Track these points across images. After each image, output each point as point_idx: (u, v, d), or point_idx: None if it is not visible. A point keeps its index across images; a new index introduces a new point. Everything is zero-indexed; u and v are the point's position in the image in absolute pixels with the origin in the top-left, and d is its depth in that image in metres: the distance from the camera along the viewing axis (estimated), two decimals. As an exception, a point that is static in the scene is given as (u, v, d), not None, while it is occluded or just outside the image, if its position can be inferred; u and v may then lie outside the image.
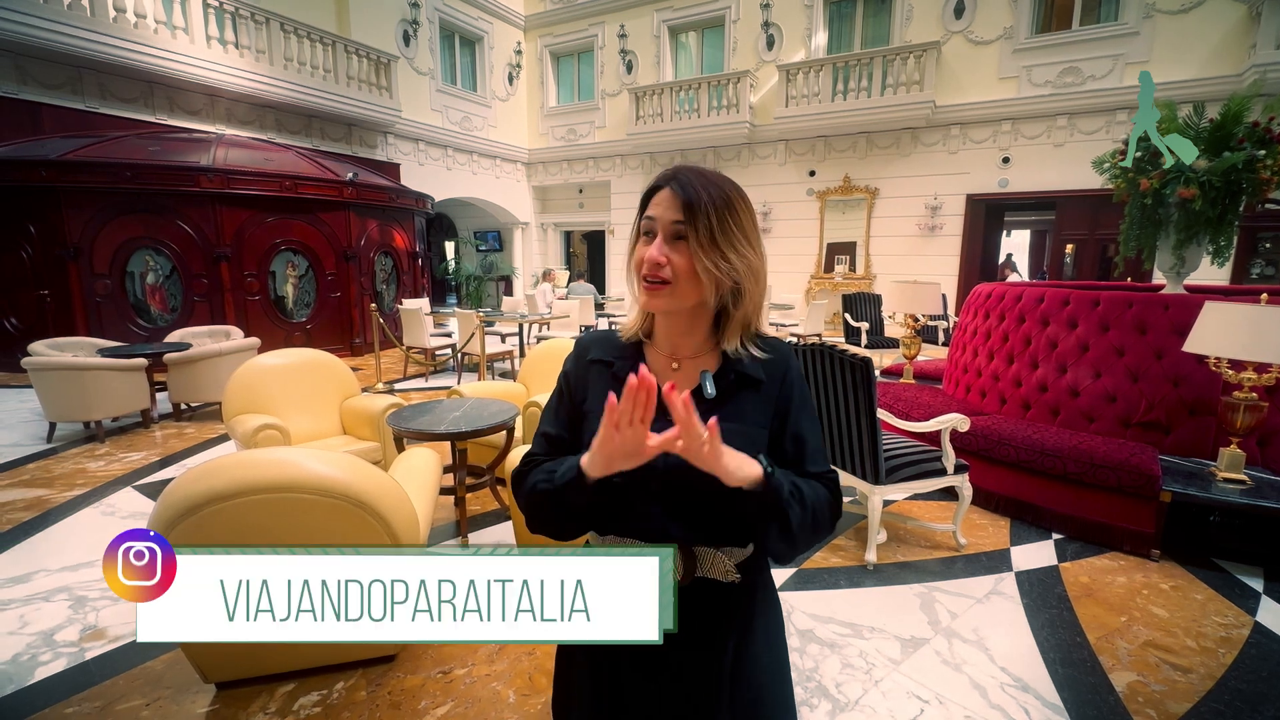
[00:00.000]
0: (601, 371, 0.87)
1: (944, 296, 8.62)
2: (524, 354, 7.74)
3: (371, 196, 8.77)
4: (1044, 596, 2.51)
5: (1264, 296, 2.69)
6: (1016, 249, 15.89)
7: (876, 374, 2.80)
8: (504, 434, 3.09)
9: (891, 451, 2.91)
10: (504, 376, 7.07)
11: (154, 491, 3.55)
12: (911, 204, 10.48)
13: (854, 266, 11.21)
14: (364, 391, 3.80)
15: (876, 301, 8.19)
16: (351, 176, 8.45)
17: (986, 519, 3.28)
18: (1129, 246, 3.69)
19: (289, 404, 3.32)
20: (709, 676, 0.83)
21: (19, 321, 6.63)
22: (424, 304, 8.19)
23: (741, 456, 0.74)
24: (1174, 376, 3.15)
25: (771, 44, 11.30)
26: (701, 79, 11.61)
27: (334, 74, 9.66)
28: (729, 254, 0.78)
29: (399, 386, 6.65)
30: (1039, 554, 2.90)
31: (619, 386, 0.84)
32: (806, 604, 2.43)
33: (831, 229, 11.35)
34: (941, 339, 8.21)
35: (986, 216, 10.26)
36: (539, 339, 7.78)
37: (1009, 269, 10.23)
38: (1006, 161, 9.71)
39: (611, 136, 13.26)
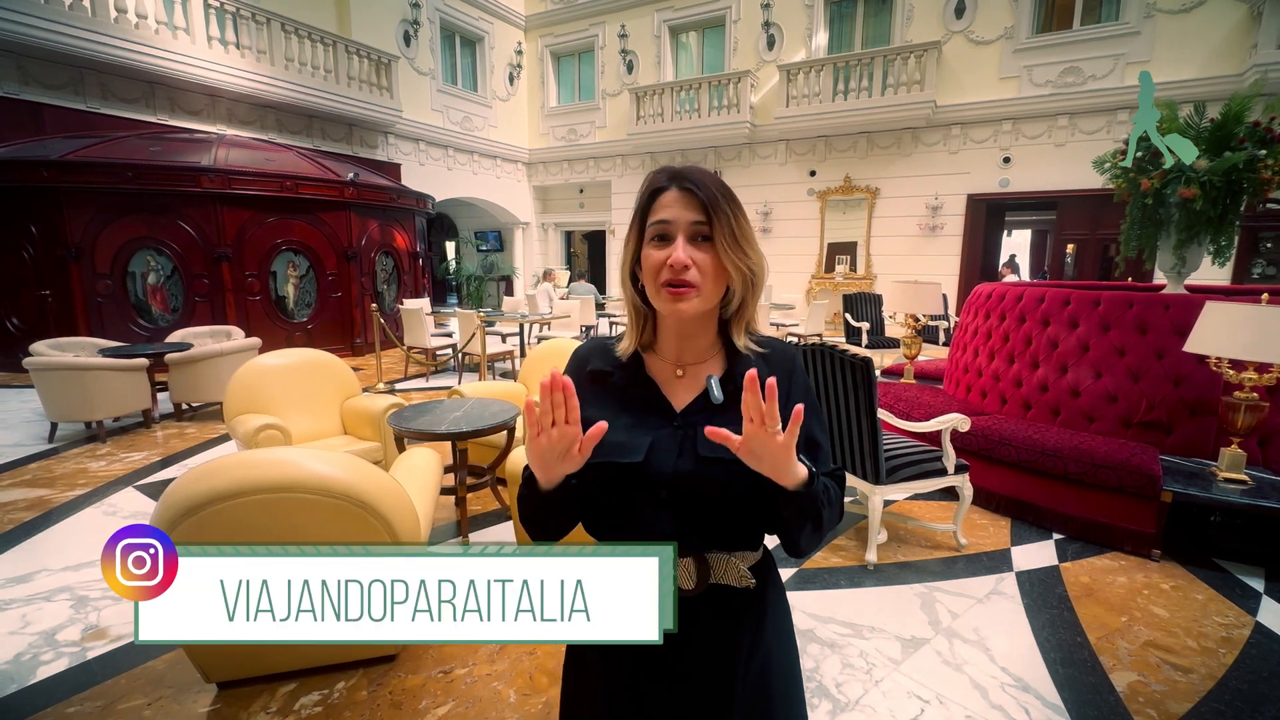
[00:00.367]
0: (601, 382, 0.87)
1: (945, 296, 8.61)
2: (525, 354, 7.75)
3: (372, 197, 8.77)
4: (1044, 596, 2.51)
5: (1265, 296, 2.68)
6: (1017, 249, 15.88)
7: (877, 374, 2.80)
8: (505, 434, 3.09)
9: (892, 451, 2.91)
10: (505, 376, 7.07)
11: (155, 491, 3.55)
12: (912, 204, 10.47)
13: (855, 266, 11.21)
14: (365, 391, 3.80)
15: (877, 301, 8.19)
16: (352, 177, 8.46)
17: (987, 519, 3.28)
18: (1130, 246, 3.68)
19: (290, 404, 3.33)
20: (725, 678, 0.82)
21: (20, 321, 6.64)
22: (425, 304, 8.20)
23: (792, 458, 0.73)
24: (1175, 376, 3.14)
25: (772, 44, 11.30)
26: (702, 79, 11.61)
27: (335, 74, 9.67)
28: (748, 251, 0.80)
29: (400, 386, 6.66)
30: (1039, 554, 2.90)
31: (619, 396, 0.84)
32: (807, 604, 2.43)
33: (832, 229, 11.34)
34: (942, 339, 8.20)
35: (987, 216, 10.25)
36: (540, 339, 7.79)
37: (1008, 269, 10.19)
38: (1007, 161, 9.71)
39: (612, 136, 13.27)
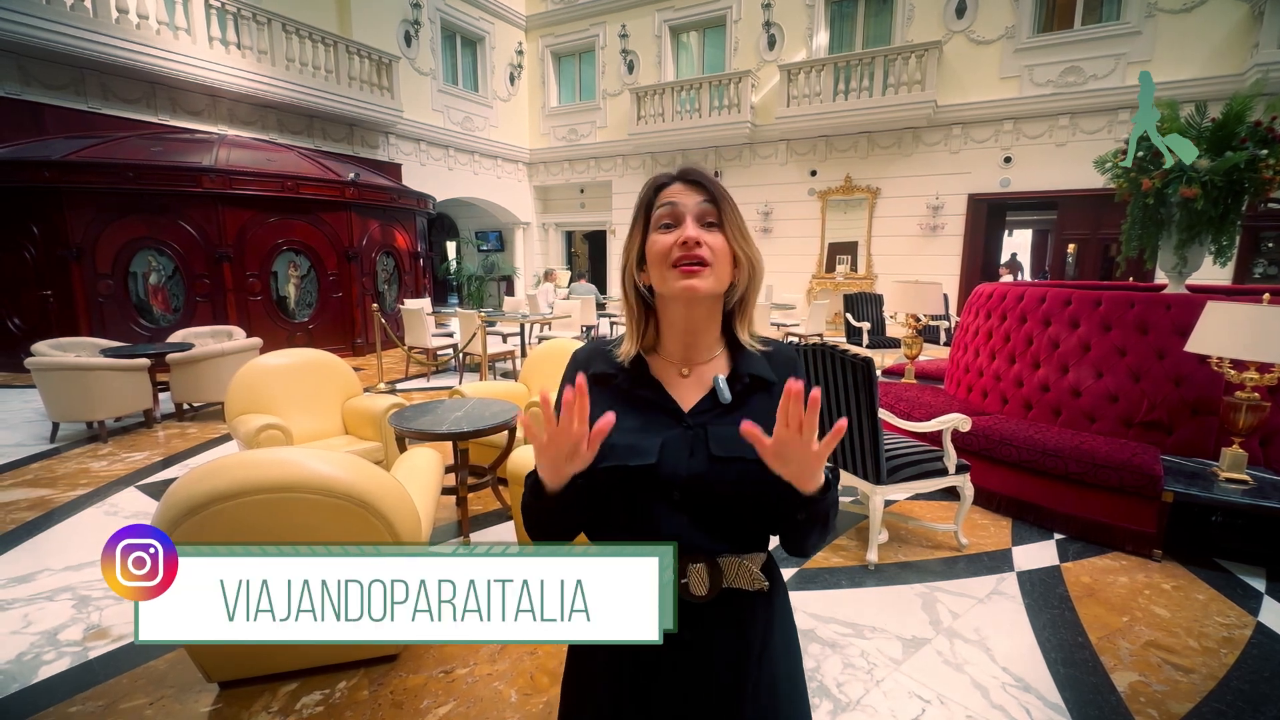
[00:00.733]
0: (603, 385, 0.86)
1: (945, 296, 8.60)
2: (525, 354, 7.75)
3: (373, 197, 8.78)
4: (1046, 596, 2.51)
5: (1266, 296, 2.68)
6: (1018, 249, 15.86)
7: (878, 374, 2.80)
8: (506, 434, 3.10)
9: (893, 451, 2.91)
10: (505, 376, 7.07)
11: (157, 491, 3.56)
12: (913, 204, 10.46)
13: (855, 266, 11.20)
14: (366, 391, 3.80)
15: (878, 301, 8.18)
16: (353, 177, 8.46)
17: (988, 519, 3.28)
18: (1131, 246, 3.68)
19: (291, 404, 3.33)
20: (737, 684, 0.82)
21: (22, 322, 6.65)
22: (426, 304, 8.20)
23: None
24: (1176, 376, 3.14)
25: (773, 44, 11.30)
26: (703, 79, 11.61)
27: (335, 74, 9.68)
28: (751, 240, 0.83)
29: (401, 386, 6.66)
30: (1041, 554, 2.89)
31: (624, 399, 0.83)
32: (808, 604, 2.43)
33: (833, 229, 11.34)
34: (943, 339, 8.20)
35: (988, 216, 10.24)
36: (540, 339, 7.79)
37: (1007, 269, 10.17)
38: (1008, 161, 9.70)
39: (613, 136, 13.26)
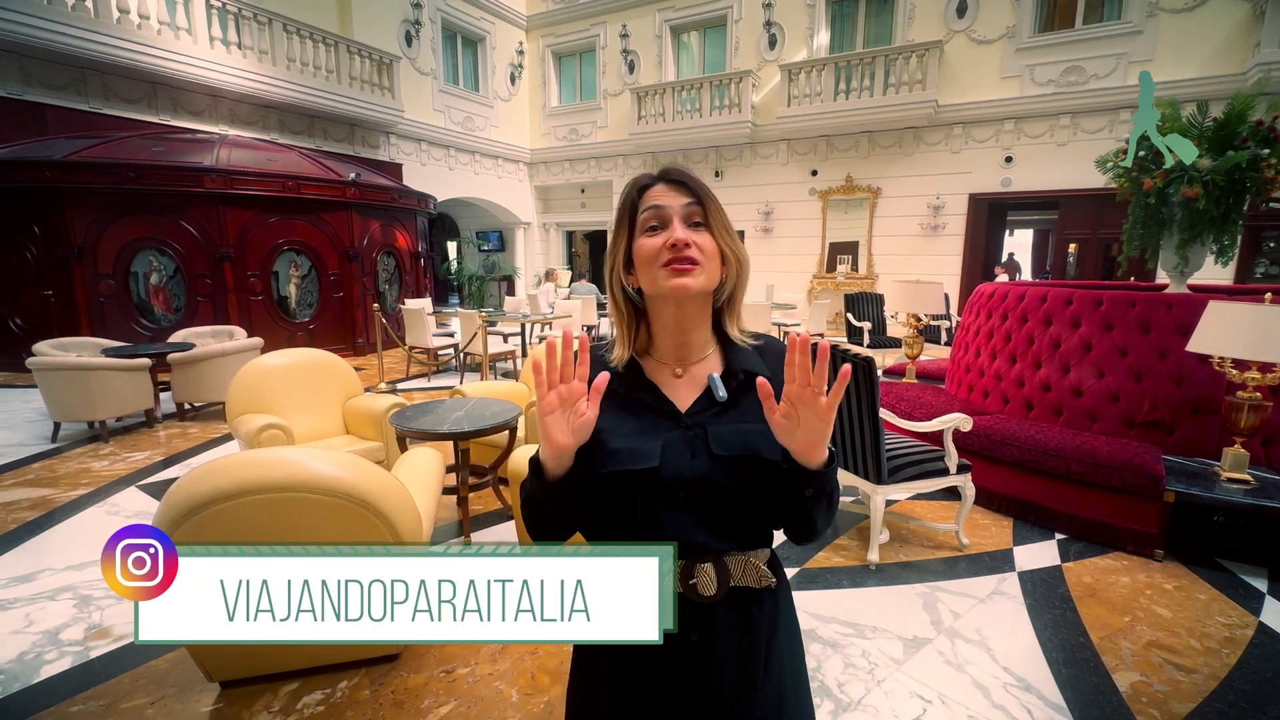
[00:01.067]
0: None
1: (946, 296, 8.59)
2: (526, 354, 7.75)
3: (374, 197, 8.78)
4: (1047, 596, 2.51)
5: (1268, 296, 2.68)
6: (1019, 248, 15.86)
7: (879, 374, 2.80)
8: (507, 434, 3.09)
9: (894, 451, 2.91)
10: (506, 376, 7.08)
11: (158, 491, 3.56)
12: (914, 203, 10.45)
13: (856, 266, 11.19)
14: (367, 391, 3.81)
15: (879, 301, 8.17)
16: (354, 177, 8.47)
17: (989, 519, 3.28)
18: (1132, 246, 3.67)
19: (292, 404, 3.33)
20: (747, 685, 0.82)
21: (23, 322, 6.66)
22: (426, 304, 8.20)
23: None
24: (1177, 376, 3.13)
25: (773, 43, 11.29)
26: (703, 79, 11.60)
27: (336, 74, 9.68)
28: (736, 237, 0.83)
29: (401, 386, 6.66)
30: (1042, 554, 2.89)
31: (621, 403, 0.83)
32: (809, 603, 2.43)
33: (834, 229, 11.33)
34: (944, 339, 8.19)
35: (989, 216, 10.23)
36: (541, 339, 7.79)
37: (1002, 269, 10.15)
38: (1009, 161, 9.69)
39: (613, 136, 13.26)
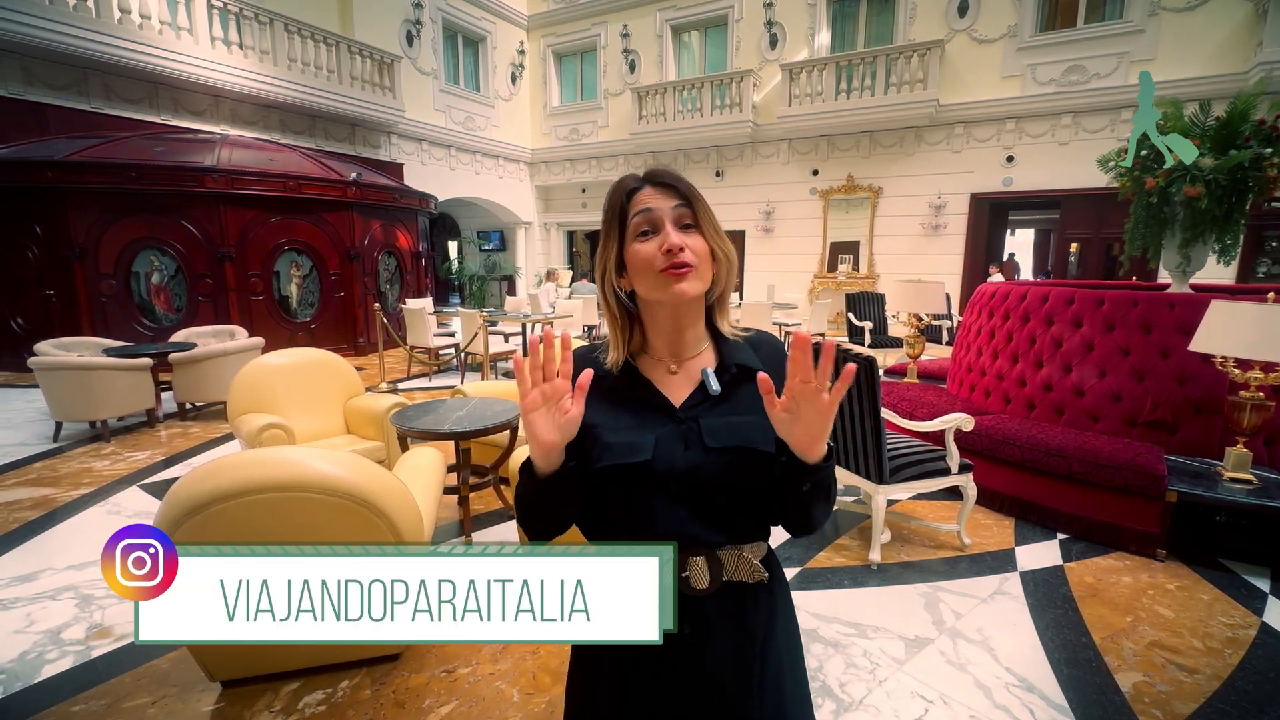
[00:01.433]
0: (596, 387, 0.87)
1: (948, 296, 8.60)
2: (527, 354, 7.74)
3: (375, 196, 8.78)
4: (1049, 596, 2.50)
5: (1271, 295, 2.67)
6: (1021, 248, 15.85)
7: (880, 373, 2.79)
8: (508, 433, 3.09)
9: (895, 451, 2.90)
10: (507, 376, 7.07)
11: (159, 490, 3.56)
12: (915, 203, 10.44)
13: (857, 266, 11.18)
14: (368, 391, 3.81)
15: (880, 301, 8.16)
16: (355, 176, 8.47)
17: (991, 519, 3.27)
18: (1134, 245, 3.67)
19: (293, 403, 3.33)
20: (742, 679, 0.82)
21: (25, 321, 6.67)
22: (427, 304, 8.20)
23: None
24: (1180, 376, 3.13)
25: (774, 43, 11.28)
26: (704, 78, 11.59)
27: (337, 74, 9.69)
28: (723, 236, 0.85)
29: (403, 386, 6.67)
30: (1044, 554, 2.89)
31: (617, 399, 0.85)
32: (810, 603, 2.43)
33: (835, 228, 11.32)
34: (945, 338, 8.19)
35: (991, 215, 10.22)
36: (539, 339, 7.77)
37: (996, 268, 10.12)
38: (1011, 160, 9.67)
39: (614, 136, 13.26)
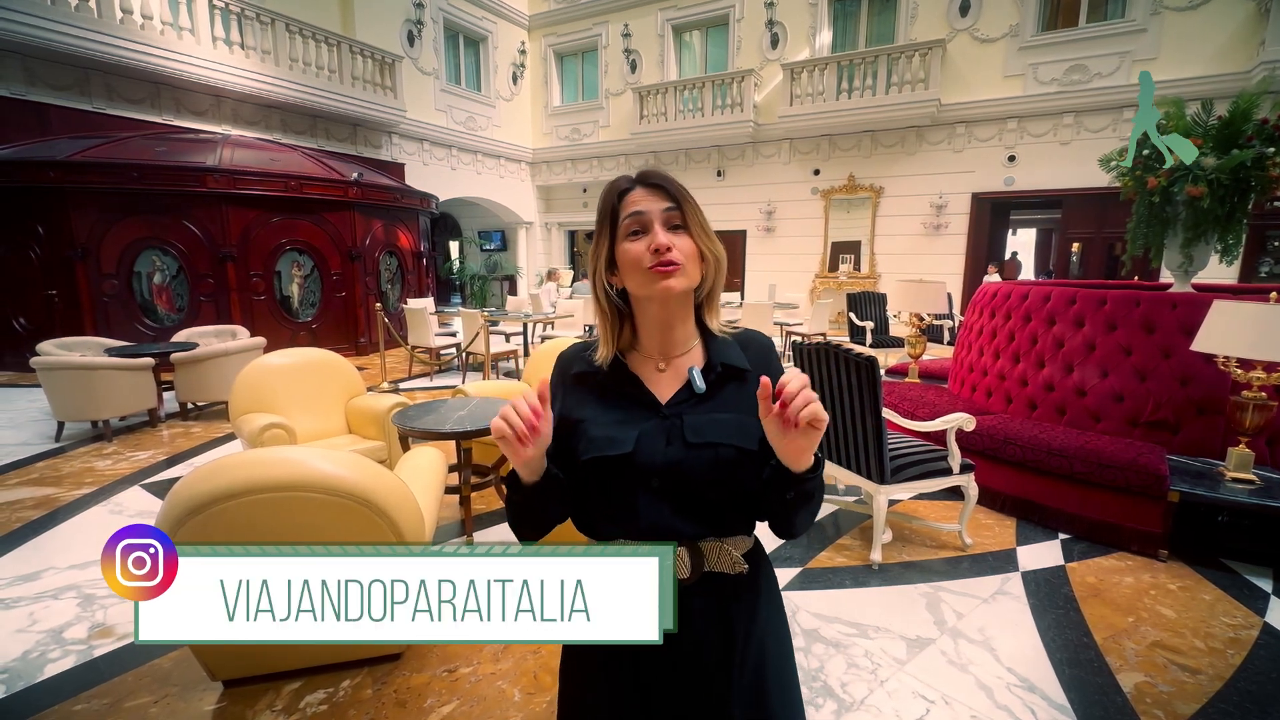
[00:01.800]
0: (586, 382, 0.90)
1: (949, 295, 8.58)
2: (528, 353, 7.75)
3: (376, 196, 8.79)
4: (1050, 596, 2.50)
5: (1273, 295, 2.66)
6: (1022, 247, 15.80)
7: (881, 373, 2.79)
8: (508, 433, 3.09)
9: (897, 451, 2.90)
10: (508, 376, 7.08)
11: (161, 490, 3.57)
12: (917, 203, 10.43)
13: (859, 265, 11.17)
14: (369, 391, 3.81)
15: (881, 301, 8.16)
16: (356, 176, 8.48)
17: (992, 519, 3.27)
18: (1136, 245, 3.66)
19: (294, 403, 3.34)
20: (722, 667, 0.84)
21: (27, 321, 6.69)
22: (429, 303, 8.21)
23: None
24: (1182, 376, 3.12)
25: (776, 43, 11.27)
26: (705, 78, 11.59)
27: (339, 74, 9.70)
28: (714, 237, 0.86)
29: (404, 386, 6.67)
30: (1045, 554, 2.88)
31: (605, 395, 0.88)
32: (811, 604, 2.43)
33: (836, 228, 11.31)
34: (947, 338, 8.18)
35: (992, 215, 10.21)
36: (543, 338, 7.79)
37: (995, 267, 10.12)
38: (1012, 160, 9.65)
39: (615, 136, 13.26)
